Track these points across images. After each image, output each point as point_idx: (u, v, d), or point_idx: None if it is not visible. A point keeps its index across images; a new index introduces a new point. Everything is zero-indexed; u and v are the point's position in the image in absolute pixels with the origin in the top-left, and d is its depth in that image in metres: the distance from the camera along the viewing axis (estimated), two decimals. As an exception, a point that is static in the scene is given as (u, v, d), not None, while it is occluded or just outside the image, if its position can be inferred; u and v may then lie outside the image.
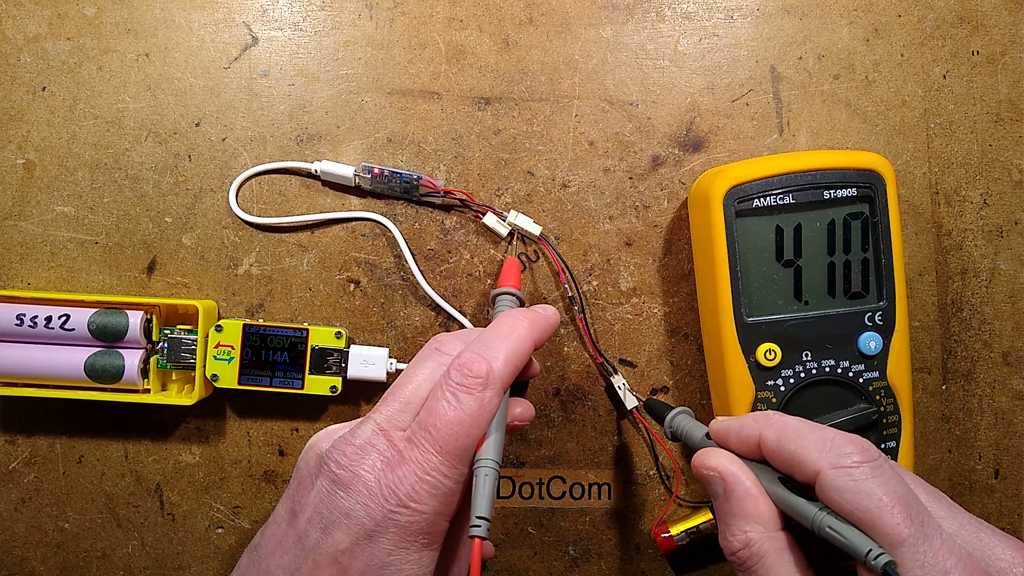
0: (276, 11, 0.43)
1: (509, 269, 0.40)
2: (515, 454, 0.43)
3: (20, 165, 0.43)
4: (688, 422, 0.34)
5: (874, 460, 0.26)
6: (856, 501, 0.25)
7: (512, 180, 0.43)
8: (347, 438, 0.30)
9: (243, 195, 0.43)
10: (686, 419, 0.34)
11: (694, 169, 0.43)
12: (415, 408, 0.31)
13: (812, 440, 0.27)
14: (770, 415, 0.29)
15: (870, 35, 0.43)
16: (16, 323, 0.40)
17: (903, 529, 0.24)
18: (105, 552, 0.43)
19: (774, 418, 0.29)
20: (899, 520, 0.24)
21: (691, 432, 0.33)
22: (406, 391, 0.31)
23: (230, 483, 0.43)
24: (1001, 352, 0.43)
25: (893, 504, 0.24)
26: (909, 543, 0.24)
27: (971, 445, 0.43)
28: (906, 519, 0.24)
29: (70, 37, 0.43)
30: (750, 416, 0.30)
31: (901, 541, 0.24)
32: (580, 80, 0.43)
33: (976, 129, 0.43)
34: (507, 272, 0.40)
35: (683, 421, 0.34)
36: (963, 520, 0.27)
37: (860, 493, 0.25)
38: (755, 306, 0.38)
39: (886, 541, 0.24)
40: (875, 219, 0.38)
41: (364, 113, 0.43)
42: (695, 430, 0.33)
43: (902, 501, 0.25)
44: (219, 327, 0.40)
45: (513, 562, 0.43)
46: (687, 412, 0.35)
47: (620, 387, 0.42)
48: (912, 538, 0.24)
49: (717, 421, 0.31)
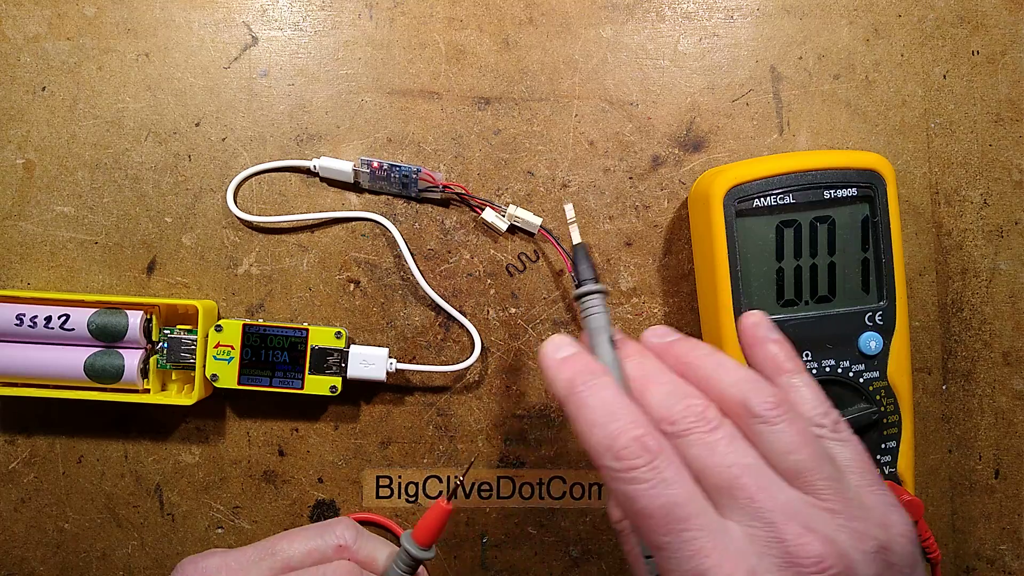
0: (276, 11, 0.43)
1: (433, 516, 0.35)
2: (515, 454, 0.43)
3: (20, 165, 0.43)
4: (594, 316, 0.30)
5: (648, 464, 0.24)
6: (622, 507, 0.25)
7: (512, 180, 0.43)
8: None
9: (243, 195, 0.43)
10: (596, 307, 0.30)
11: (694, 169, 0.43)
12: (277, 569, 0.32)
13: (596, 432, 0.25)
14: (590, 376, 0.27)
15: (870, 35, 0.43)
16: (16, 323, 0.40)
17: (659, 538, 0.24)
18: (105, 552, 0.43)
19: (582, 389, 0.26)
20: (651, 534, 0.24)
21: (589, 332, 0.30)
22: (281, 545, 0.32)
23: (230, 483, 0.43)
24: (1001, 352, 0.43)
25: (647, 517, 0.24)
26: (665, 549, 0.23)
27: (971, 445, 0.43)
28: (660, 530, 0.23)
29: (70, 37, 0.43)
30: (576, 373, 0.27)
31: (658, 547, 0.24)
32: (580, 80, 0.43)
33: (976, 129, 0.43)
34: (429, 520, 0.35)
35: (590, 308, 0.30)
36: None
37: (622, 503, 0.25)
38: (755, 306, 0.38)
39: (647, 547, 0.24)
40: (875, 219, 0.38)
41: (364, 113, 0.43)
42: (593, 332, 0.29)
43: (660, 512, 0.24)
44: (219, 327, 0.40)
45: (513, 562, 0.43)
46: (602, 294, 0.30)
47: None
48: (668, 546, 0.23)
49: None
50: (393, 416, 0.43)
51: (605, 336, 0.29)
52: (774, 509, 0.24)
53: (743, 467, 0.24)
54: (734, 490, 0.24)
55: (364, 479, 0.43)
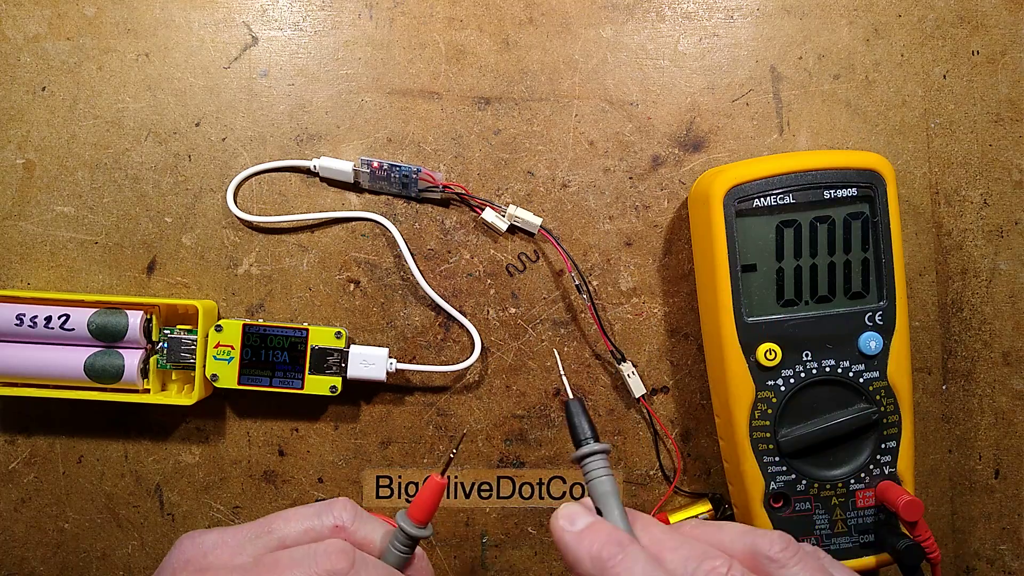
0: (276, 11, 0.43)
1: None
2: (515, 454, 0.43)
3: (20, 165, 0.43)
4: (600, 480, 0.29)
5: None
6: None
7: (512, 180, 0.43)
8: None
9: (243, 195, 0.43)
10: (601, 470, 0.29)
11: (694, 169, 0.43)
12: (272, 547, 0.31)
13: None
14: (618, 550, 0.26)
15: (870, 35, 0.43)
16: (16, 323, 0.40)
17: None
18: (105, 552, 0.43)
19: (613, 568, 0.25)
20: None
21: (598, 497, 0.29)
22: (277, 524, 0.31)
23: (230, 483, 0.43)
24: (1001, 352, 0.43)
25: None
26: None
27: (971, 445, 0.43)
28: None
29: (70, 37, 0.43)
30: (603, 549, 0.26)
31: None
32: (580, 80, 0.43)
33: (976, 129, 0.43)
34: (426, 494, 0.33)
35: (595, 471, 0.29)
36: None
37: None
38: (755, 306, 0.38)
39: None
40: (875, 219, 0.38)
41: (364, 113, 0.43)
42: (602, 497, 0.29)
43: None
44: (219, 327, 0.40)
45: (513, 562, 0.43)
46: (604, 454, 0.30)
47: (629, 374, 0.42)
48: None
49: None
50: (393, 416, 0.43)
51: (615, 500, 0.28)
52: None
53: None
54: None
55: (364, 479, 0.43)
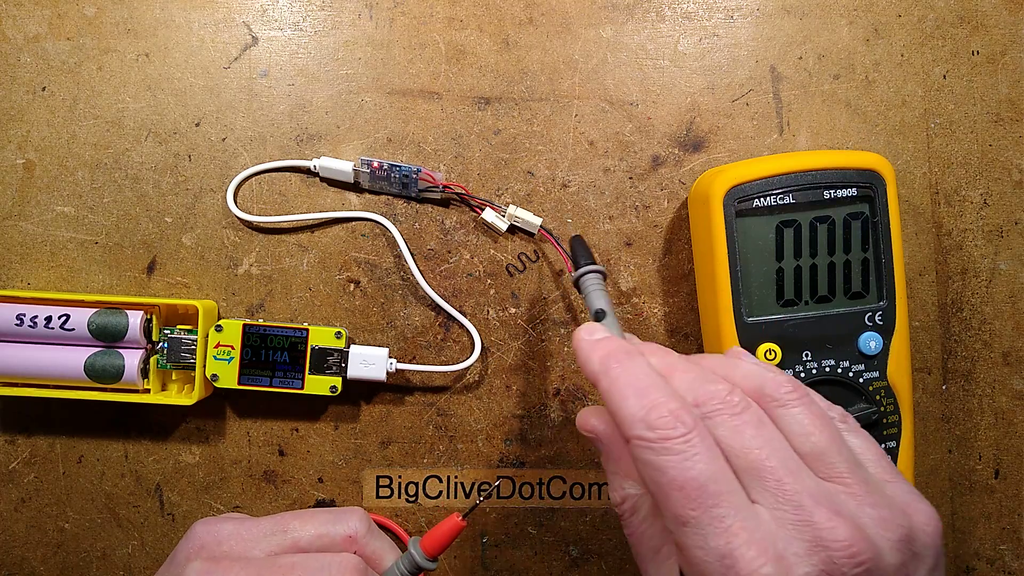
0: (276, 11, 0.43)
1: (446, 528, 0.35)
2: (515, 454, 0.43)
3: (20, 165, 0.43)
4: (594, 289, 0.34)
5: (683, 436, 0.24)
6: (649, 479, 0.24)
7: (512, 180, 0.43)
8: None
9: (243, 195, 0.43)
10: (594, 283, 0.34)
11: (694, 169, 0.43)
12: (286, 546, 0.32)
13: (631, 403, 0.25)
14: (625, 355, 0.27)
15: (870, 35, 0.43)
16: (16, 323, 0.40)
17: (687, 512, 0.23)
18: (105, 552, 0.43)
19: (616, 366, 0.27)
20: (679, 507, 0.23)
21: (590, 300, 0.33)
22: (293, 524, 0.33)
23: (230, 483, 0.43)
24: (1001, 352, 0.43)
25: (678, 489, 0.23)
26: (692, 525, 0.23)
27: (971, 445, 0.43)
28: (689, 504, 0.23)
29: (70, 37, 0.43)
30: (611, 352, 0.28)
31: (684, 522, 0.23)
32: (580, 80, 0.43)
33: (976, 129, 0.43)
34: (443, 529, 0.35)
35: (590, 285, 0.34)
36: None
37: (650, 475, 0.24)
38: (755, 306, 0.38)
39: (670, 520, 0.24)
40: (875, 219, 0.38)
41: (364, 113, 0.43)
42: (594, 301, 0.33)
43: (692, 484, 0.23)
44: (219, 327, 0.40)
45: (513, 562, 0.43)
46: (599, 274, 0.34)
47: None
48: (695, 521, 0.23)
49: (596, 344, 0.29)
50: (393, 416, 0.43)
51: (610, 309, 0.32)
52: (802, 492, 0.23)
53: (770, 450, 0.24)
54: (761, 472, 0.24)
55: (364, 479, 0.43)
